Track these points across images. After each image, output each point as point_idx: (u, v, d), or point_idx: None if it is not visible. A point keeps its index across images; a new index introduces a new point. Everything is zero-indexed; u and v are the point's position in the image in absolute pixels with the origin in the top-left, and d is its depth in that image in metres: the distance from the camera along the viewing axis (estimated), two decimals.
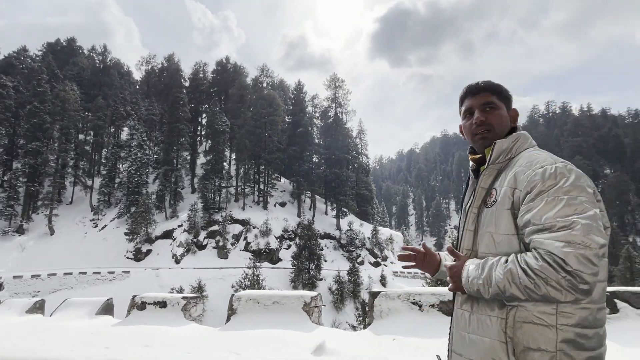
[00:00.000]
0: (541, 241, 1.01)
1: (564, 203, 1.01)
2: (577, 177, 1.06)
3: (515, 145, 1.26)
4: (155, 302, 4.93)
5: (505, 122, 1.32)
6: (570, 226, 0.97)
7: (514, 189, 1.14)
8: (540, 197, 1.06)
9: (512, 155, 1.25)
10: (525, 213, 1.08)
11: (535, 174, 1.10)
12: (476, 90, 1.35)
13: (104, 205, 56.96)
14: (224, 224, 48.45)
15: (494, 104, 1.31)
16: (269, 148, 55.19)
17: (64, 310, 5.53)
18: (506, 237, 1.14)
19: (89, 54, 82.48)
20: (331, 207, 61.90)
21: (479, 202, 1.26)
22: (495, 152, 1.26)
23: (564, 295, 0.96)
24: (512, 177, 1.16)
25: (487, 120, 1.31)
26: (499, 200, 1.17)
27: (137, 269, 42.69)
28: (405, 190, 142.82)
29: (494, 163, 1.26)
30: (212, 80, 72.91)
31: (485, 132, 1.31)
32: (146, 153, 58.46)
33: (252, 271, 36.25)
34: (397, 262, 59.11)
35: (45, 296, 36.74)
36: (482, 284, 1.11)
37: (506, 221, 1.14)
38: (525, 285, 1.00)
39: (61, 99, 55.46)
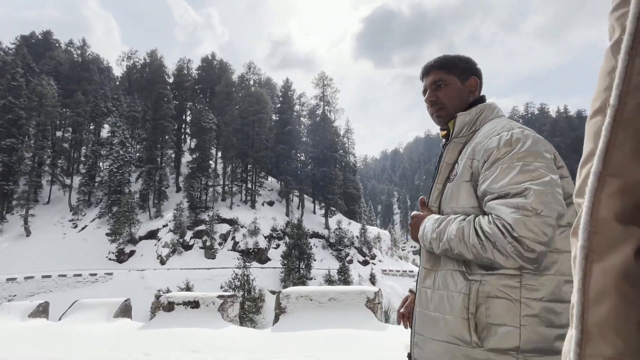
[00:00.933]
0: (493, 206, 0.99)
1: (517, 169, 0.99)
2: (534, 142, 1.03)
3: (480, 117, 1.22)
4: (186, 302, 4.46)
5: (459, 96, 1.27)
6: (523, 193, 0.95)
7: (472, 159, 1.11)
8: (495, 164, 1.03)
9: (476, 127, 1.21)
10: (482, 183, 1.06)
11: (491, 141, 1.07)
12: (426, 70, 1.32)
13: (84, 205, 54.80)
14: (211, 223, 47.43)
15: (442, 80, 1.28)
16: (256, 146, 54.38)
17: (74, 313, 4.96)
18: (469, 211, 1.10)
19: (67, 48, 79.19)
20: (319, 206, 61.61)
21: (444, 177, 1.21)
22: (457, 126, 1.22)
23: (508, 260, 0.94)
24: (471, 148, 1.13)
25: (437, 99, 1.28)
26: (458, 173, 1.14)
27: (120, 270, 41.25)
28: (390, 189, 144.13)
29: (457, 137, 1.22)
30: (197, 76, 71.24)
31: (439, 111, 1.29)
32: (128, 151, 56.60)
33: (242, 271, 35.55)
34: (385, 260, 59.43)
35: (22, 300, 34.99)
36: (435, 238, 1.09)
37: (466, 194, 1.11)
38: (474, 244, 0.99)
39: (38, 94, 52.96)
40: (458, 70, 1.30)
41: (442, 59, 1.32)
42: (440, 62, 1.31)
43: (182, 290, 34.96)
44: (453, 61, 1.30)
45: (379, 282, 48.44)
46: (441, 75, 1.29)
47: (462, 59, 1.31)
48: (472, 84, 1.30)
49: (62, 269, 41.41)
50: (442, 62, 1.31)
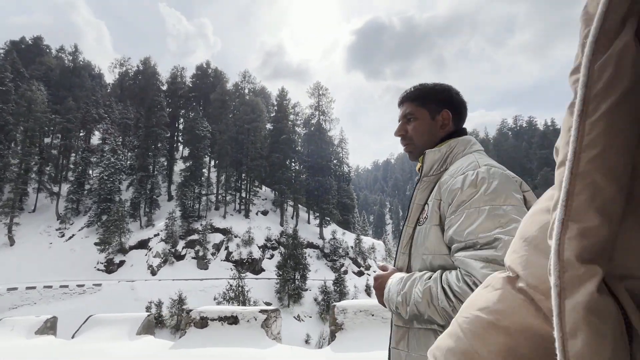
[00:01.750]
0: (462, 260, 0.91)
1: (485, 215, 0.90)
2: (501, 182, 0.94)
3: (451, 154, 1.13)
4: (222, 318, 3.98)
5: (428, 131, 1.20)
6: (493, 244, 0.86)
7: (439, 200, 1.03)
8: (460, 208, 0.95)
9: (447, 165, 1.12)
10: (448, 228, 0.97)
11: (455, 181, 0.99)
12: (400, 100, 1.27)
13: (72, 214, 53.23)
14: (204, 233, 46.43)
15: (412, 114, 1.22)
16: (251, 155, 53.85)
17: (89, 330, 4.43)
18: (439, 258, 1.01)
19: (58, 54, 78.07)
20: (314, 216, 61.04)
21: (414, 219, 1.13)
22: (426, 164, 1.14)
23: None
24: (437, 187, 1.06)
25: (406, 133, 1.23)
26: (428, 216, 1.05)
27: (109, 281, 39.88)
28: (383, 199, 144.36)
29: (427, 175, 1.14)
30: (191, 84, 70.73)
31: (407, 146, 1.24)
32: (120, 158, 55.48)
33: (237, 282, 34.74)
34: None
35: (5, 313, 33.35)
36: (400, 302, 1.00)
37: (435, 239, 1.02)
38: (444, 307, 0.89)
39: (27, 99, 51.77)
40: (429, 103, 1.21)
41: (415, 90, 1.24)
42: (413, 94, 1.23)
43: (174, 302, 33.90)
44: (426, 93, 1.22)
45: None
46: (412, 108, 1.22)
47: (437, 91, 1.22)
48: (444, 118, 1.19)
49: (47, 279, 39.84)
50: (415, 93, 1.23)
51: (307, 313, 40.10)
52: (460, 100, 1.24)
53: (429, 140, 1.20)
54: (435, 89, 1.22)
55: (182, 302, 33.53)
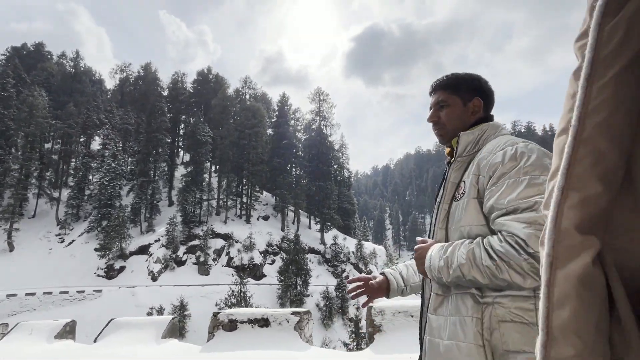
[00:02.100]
0: (503, 223, 0.97)
1: (525, 184, 0.98)
2: (539, 156, 1.02)
3: (483, 135, 1.23)
4: (252, 320, 3.87)
5: (460, 117, 1.28)
6: (533, 207, 0.94)
7: (477, 175, 1.11)
8: (502, 180, 1.03)
9: (479, 146, 1.21)
10: (488, 199, 1.05)
11: (495, 156, 1.07)
12: (432, 88, 1.34)
13: (72, 219, 52.96)
14: (205, 238, 46.19)
15: (444, 101, 1.29)
16: (252, 160, 53.80)
17: (112, 333, 4.31)
18: (477, 229, 1.09)
19: (59, 60, 78.32)
20: (315, 221, 60.85)
21: (449, 196, 1.21)
22: (461, 145, 1.23)
23: (526, 280, 0.91)
24: (476, 164, 1.14)
25: (439, 119, 1.30)
26: (466, 191, 1.14)
27: (110, 287, 39.56)
28: (382, 204, 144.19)
29: (460, 155, 1.23)
30: (192, 90, 70.89)
31: (440, 130, 1.31)
32: (120, 163, 55.36)
33: (239, 288, 34.48)
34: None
35: (4, 320, 32.98)
36: (443, 266, 1.06)
37: (474, 211, 1.10)
38: (487, 266, 0.96)
39: (28, 105, 51.79)
40: (462, 91, 1.28)
41: (448, 78, 1.31)
42: (446, 82, 1.31)
43: (175, 307, 33.60)
44: (458, 81, 1.29)
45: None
46: (444, 95, 1.29)
47: (468, 79, 1.29)
48: (475, 105, 1.28)
49: (47, 285, 39.50)
50: (447, 82, 1.31)
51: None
52: (490, 89, 1.32)
53: (460, 125, 1.28)
54: (466, 77, 1.30)
55: (183, 308, 33.25)
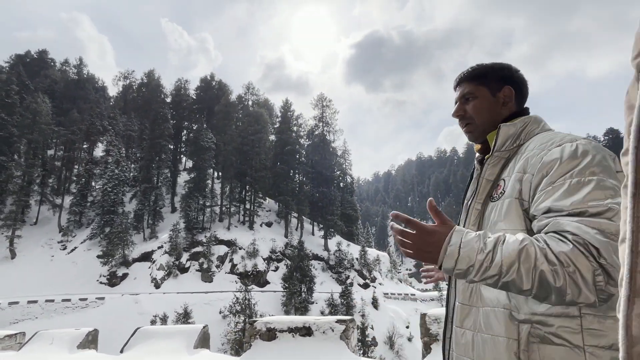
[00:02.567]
0: (567, 223, 0.80)
1: (593, 185, 0.83)
2: (605, 157, 0.88)
3: (525, 129, 1.08)
4: (293, 329, 3.62)
5: (489, 109, 1.15)
6: (605, 213, 0.78)
7: (523, 173, 0.96)
8: (561, 178, 0.87)
9: (521, 141, 1.07)
10: (542, 200, 0.88)
11: (550, 153, 0.92)
12: (457, 82, 1.23)
13: (74, 226, 52.70)
14: (208, 244, 45.85)
15: (471, 93, 1.18)
16: (255, 166, 53.67)
17: (139, 344, 4.06)
18: (518, 233, 0.93)
19: (62, 67, 78.70)
20: (318, 228, 60.52)
21: (483, 195, 1.08)
22: (500, 139, 1.08)
23: (583, 294, 0.75)
24: (523, 162, 0.98)
25: (465, 113, 1.18)
26: (507, 191, 0.99)
27: (112, 294, 39.10)
28: (385, 211, 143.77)
29: (499, 150, 1.09)
30: (195, 97, 71.08)
31: (467, 126, 1.19)
32: (123, 170, 55.24)
33: (243, 295, 34.08)
34: (385, 283, 58.01)
35: (6, 328, 32.55)
36: (481, 260, 0.83)
37: (515, 214, 0.96)
38: (542, 270, 0.77)
39: (32, 111, 51.86)
40: (489, 80, 1.16)
41: (473, 69, 1.19)
42: (471, 73, 1.19)
43: (179, 315, 33.17)
44: (485, 71, 1.17)
45: (382, 306, 47.00)
46: (470, 87, 1.17)
47: (495, 68, 1.17)
48: (505, 95, 1.14)
49: (49, 293, 39.09)
50: (473, 72, 1.18)
51: None
52: (521, 77, 1.17)
53: (490, 118, 1.14)
54: (494, 66, 1.17)
55: (187, 316, 32.81)
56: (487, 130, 1.16)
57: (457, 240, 0.86)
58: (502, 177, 1.04)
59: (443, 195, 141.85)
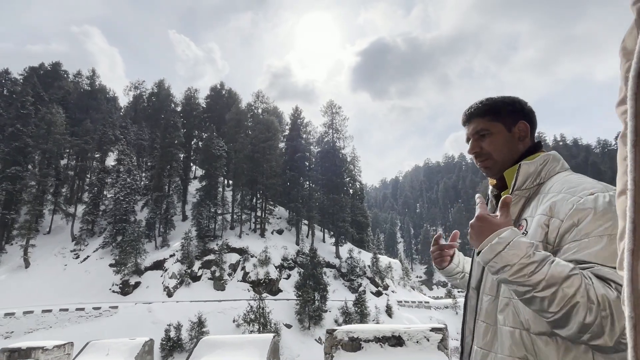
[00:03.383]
0: (612, 273, 0.80)
1: None
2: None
3: (545, 167, 1.07)
4: (381, 339, 3.35)
5: (505, 145, 1.14)
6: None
7: (549, 217, 0.94)
8: (598, 231, 0.84)
9: (541, 180, 1.06)
10: (577, 251, 0.86)
11: (584, 201, 0.89)
12: (467, 118, 1.21)
13: (87, 235, 52.95)
14: (220, 253, 45.62)
15: (485, 130, 1.15)
16: (267, 173, 53.64)
17: (206, 355, 3.83)
18: None
19: (75, 79, 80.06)
20: (329, 235, 60.04)
21: None
22: (521, 177, 1.06)
23: (606, 338, 0.76)
24: (548, 204, 0.96)
25: (482, 149, 1.15)
26: (529, 232, 0.97)
27: (126, 303, 39.00)
28: (393, 217, 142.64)
29: (520, 189, 1.07)
30: (205, 105, 71.66)
31: (485, 162, 1.16)
32: (135, 179, 55.59)
33: (258, 303, 33.70)
34: (398, 291, 57.16)
35: (21, 337, 32.52)
36: (523, 266, 0.84)
37: None
38: (578, 302, 0.78)
39: (47, 122, 52.62)
40: (503, 115, 1.14)
41: (484, 104, 1.17)
42: (482, 109, 1.16)
43: (193, 324, 32.86)
44: (496, 106, 1.15)
45: (396, 314, 46.23)
46: (484, 123, 1.15)
47: (507, 102, 1.15)
48: (521, 130, 1.13)
49: (62, 302, 39.11)
50: (484, 108, 1.16)
51: None
52: (532, 110, 1.16)
53: (508, 155, 1.12)
54: (505, 101, 1.15)
55: (201, 325, 32.49)
56: (506, 166, 1.12)
57: (508, 236, 0.88)
58: (523, 216, 1.02)
59: (452, 201, 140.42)
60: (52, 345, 4.54)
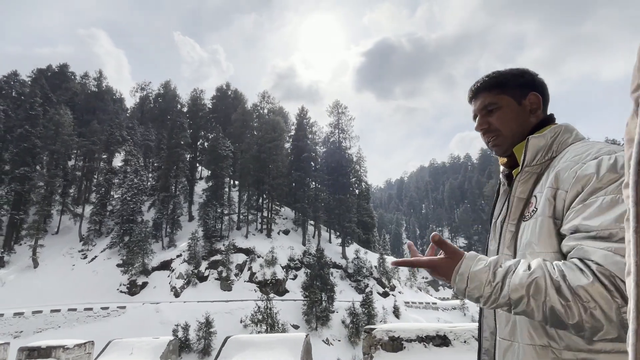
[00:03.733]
0: (593, 251, 0.73)
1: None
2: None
3: (556, 140, 0.99)
4: (424, 338, 3.18)
5: (515, 119, 1.06)
6: None
7: (555, 189, 0.88)
8: (595, 195, 0.79)
9: (553, 153, 0.98)
10: (572, 218, 0.81)
11: (586, 167, 0.83)
12: (474, 93, 1.13)
13: (94, 235, 53.21)
14: (227, 253, 45.61)
15: (493, 104, 1.08)
16: (273, 173, 53.57)
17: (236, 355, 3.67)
18: (550, 257, 0.86)
19: (82, 81, 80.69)
20: (335, 235, 59.86)
21: (517, 215, 0.99)
22: (530, 152, 0.99)
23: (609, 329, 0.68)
24: (554, 175, 0.90)
25: (490, 125, 1.08)
26: (539, 208, 0.91)
27: (133, 303, 39.08)
28: (399, 218, 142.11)
29: (530, 165, 1.00)
30: (211, 106, 71.87)
31: (494, 139, 1.09)
32: (142, 179, 55.81)
33: (265, 304, 33.59)
34: (405, 292, 56.83)
35: (30, 337, 32.69)
36: (490, 293, 0.81)
37: (547, 233, 0.88)
38: (552, 306, 0.72)
39: (55, 123, 53.01)
40: (511, 88, 1.06)
41: (490, 77, 1.10)
42: (489, 82, 1.09)
43: (201, 324, 32.82)
44: (504, 78, 1.08)
45: (403, 315, 45.92)
46: (491, 97, 1.08)
47: (515, 74, 1.08)
48: (532, 102, 1.06)
49: (70, 302, 39.32)
50: (490, 81, 1.09)
51: (335, 336, 38.43)
52: (543, 82, 1.08)
53: (520, 128, 1.05)
54: (513, 72, 1.08)
55: (209, 325, 32.44)
56: (516, 142, 1.05)
57: (465, 270, 0.83)
58: (534, 193, 0.96)
59: (458, 201, 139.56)
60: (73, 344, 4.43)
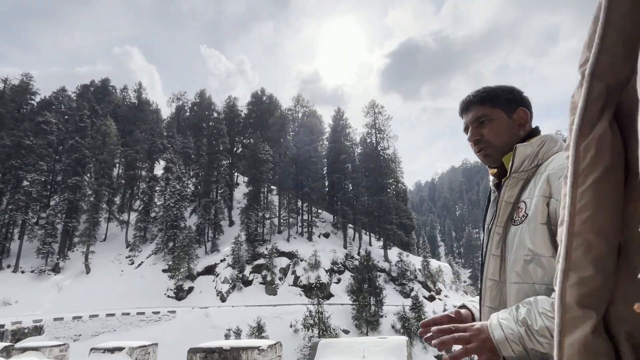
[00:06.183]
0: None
1: None
2: None
3: (542, 148, 1.05)
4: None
5: (506, 131, 1.12)
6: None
7: (548, 197, 0.93)
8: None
9: (539, 161, 1.05)
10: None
11: None
12: (465, 106, 1.18)
13: (140, 241, 54.66)
14: (270, 257, 45.38)
15: (485, 116, 1.12)
16: (312, 176, 53.13)
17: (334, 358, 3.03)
18: (545, 260, 0.91)
19: (122, 94, 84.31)
20: (375, 238, 58.50)
21: (504, 219, 1.05)
22: (517, 159, 1.05)
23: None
24: (545, 183, 0.95)
25: (482, 136, 1.13)
26: (530, 214, 0.96)
27: (183, 308, 39.42)
28: (433, 220, 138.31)
29: (517, 172, 1.06)
30: (247, 111, 72.90)
31: (485, 149, 1.13)
32: (184, 185, 56.96)
33: (316, 308, 32.83)
34: (451, 295, 54.50)
35: (88, 340, 33.56)
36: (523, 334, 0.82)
37: (542, 239, 0.92)
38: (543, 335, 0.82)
39: (102, 133, 55.22)
40: (502, 102, 1.13)
41: (482, 92, 1.16)
42: (481, 96, 1.15)
43: (252, 329, 32.46)
44: (495, 93, 1.13)
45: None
46: (484, 110, 1.13)
47: (505, 90, 1.14)
48: (521, 116, 1.12)
49: (122, 306, 40.29)
50: (482, 95, 1.15)
51: None
52: (528, 99, 1.17)
53: (509, 140, 1.10)
54: (502, 88, 1.14)
55: (261, 330, 32.03)
56: (505, 152, 1.10)
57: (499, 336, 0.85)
58: (522, 199, 1.00)
59: None
60: (137, 345, 3.99)
